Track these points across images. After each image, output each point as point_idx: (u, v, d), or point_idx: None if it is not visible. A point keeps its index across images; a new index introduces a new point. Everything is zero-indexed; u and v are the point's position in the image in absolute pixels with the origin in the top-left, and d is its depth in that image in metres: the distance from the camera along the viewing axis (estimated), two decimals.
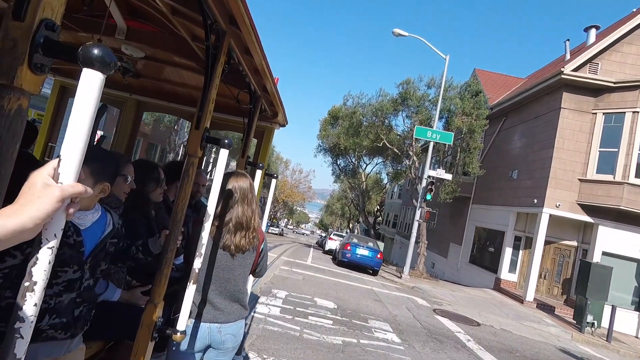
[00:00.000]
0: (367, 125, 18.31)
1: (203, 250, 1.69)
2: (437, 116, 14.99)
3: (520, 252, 14.50)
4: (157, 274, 1.67)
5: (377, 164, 29.94)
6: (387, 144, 17.98)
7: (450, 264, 19.54)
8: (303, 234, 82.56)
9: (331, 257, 18.99)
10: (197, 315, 1.79)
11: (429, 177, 14.18)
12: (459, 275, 18.09)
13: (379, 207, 41.76)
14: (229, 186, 1.82)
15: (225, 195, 1.80)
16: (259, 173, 2.56)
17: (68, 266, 1.29)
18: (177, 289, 1.91)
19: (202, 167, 3.86)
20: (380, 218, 40.41)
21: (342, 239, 21.30)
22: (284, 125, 3.24)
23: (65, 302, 1.31)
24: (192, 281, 1.68)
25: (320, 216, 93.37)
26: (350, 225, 50.28)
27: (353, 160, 27.87)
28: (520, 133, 15.16)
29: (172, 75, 2.83)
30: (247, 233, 1.81)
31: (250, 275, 2.00)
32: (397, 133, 18.23)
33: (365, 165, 30.27)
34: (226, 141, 1.69)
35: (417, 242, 15.10)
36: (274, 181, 3.08)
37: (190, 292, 1.68)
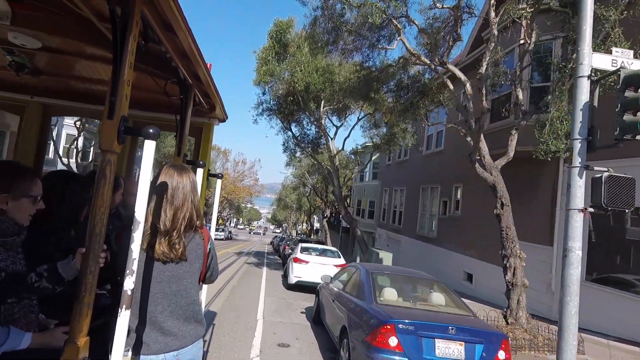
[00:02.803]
0: (357, 16, 9.24)
1: (135, 267, 1.37)
2: None
3: None
4: (75, 304, 1.32)
5: (359, 121, 17.55)
6: (410, 50, 9.00)
7: None
8: (258, 232, 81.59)
9: (310, 312, 7.83)
10: (145, 349, 1.47)
11: (593, 71, 4.26)
12: (552, 304, 8.72)
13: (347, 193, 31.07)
14: (160, 183, 1.51)
15: (156, 195, 1.49)
16: (200, 172, 2.25)
17: None
18: (109, 319, 1.56)
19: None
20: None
21: (320, 260, 10.73)
22: (223, 120, 2.94)
23: None
24: (124, 306, 1.36)
25: (272, 211, 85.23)
26: (311, 222, 42.37)
27: (315, 120, 16.22)
28: None
29: (84, 70, 2.41)
30: (186, 235, 1.53)
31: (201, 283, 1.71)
32: (424, 30, 9.16)
33: (335, 129, 18.43)
34: (151, 130, 1.38)
35: (503, 256, 7.11)
36: (219, 182, 2.77)
37: (124, 321, 1.35)
